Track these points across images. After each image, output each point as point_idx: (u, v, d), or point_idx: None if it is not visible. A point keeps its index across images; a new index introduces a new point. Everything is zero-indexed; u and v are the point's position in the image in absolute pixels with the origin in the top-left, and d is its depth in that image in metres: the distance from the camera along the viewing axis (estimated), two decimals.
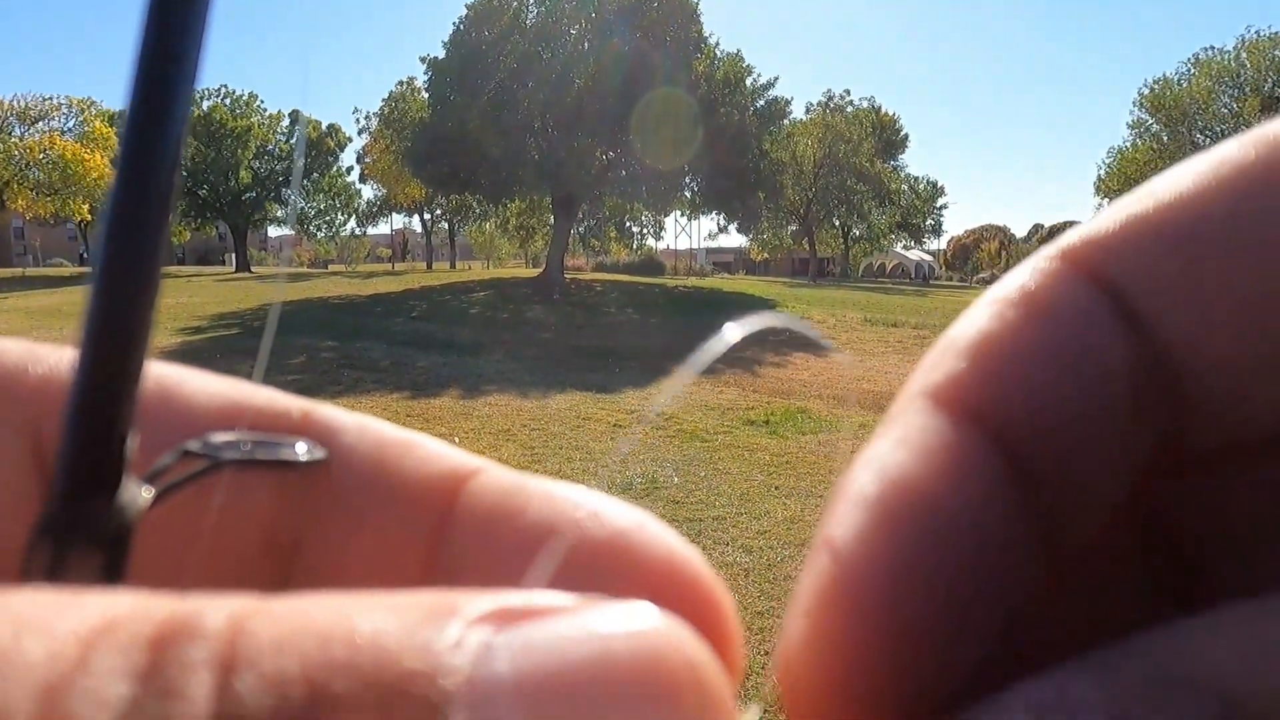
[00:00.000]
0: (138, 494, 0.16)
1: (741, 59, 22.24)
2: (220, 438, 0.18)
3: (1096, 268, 0.16)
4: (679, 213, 29.68)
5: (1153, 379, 0.15)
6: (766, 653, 3.06)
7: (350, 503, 0.19)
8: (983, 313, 0.17)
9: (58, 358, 0.19)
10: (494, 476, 0.19)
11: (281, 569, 0.19)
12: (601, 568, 0.17)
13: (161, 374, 0.19)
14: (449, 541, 0.18)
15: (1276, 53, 35.86)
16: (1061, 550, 0.16)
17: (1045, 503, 0.16)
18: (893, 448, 0.17)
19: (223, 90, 42.25)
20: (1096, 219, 0.17)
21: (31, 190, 32.53)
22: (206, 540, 0.18)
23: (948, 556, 0.15)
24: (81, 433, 0.15)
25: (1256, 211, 0.15)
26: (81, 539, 0.15)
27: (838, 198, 41.25)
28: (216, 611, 0.11)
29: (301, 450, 0.19)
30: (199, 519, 0.18)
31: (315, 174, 44.55)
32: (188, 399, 0.19)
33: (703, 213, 26.60)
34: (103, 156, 32.60)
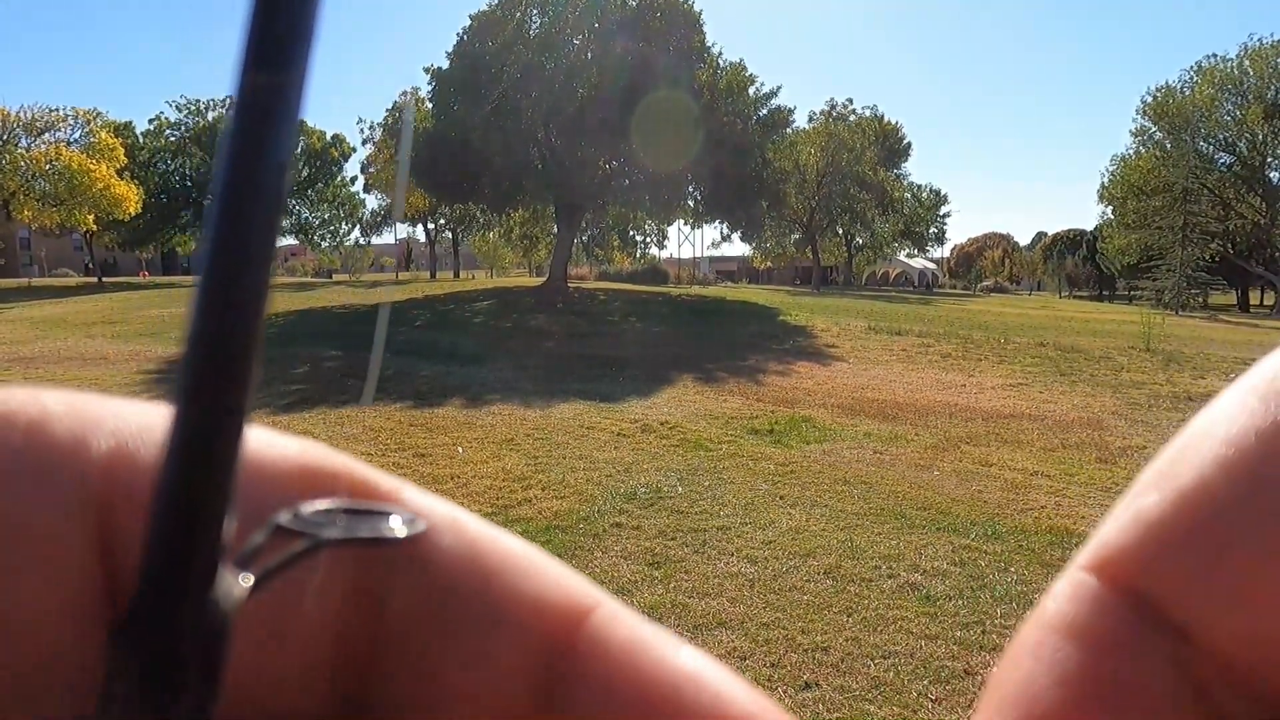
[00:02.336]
0: (234, 582, 0.14)
1: (744, 68, 22.30)
2: (312, 508, 0.16)
3: (1136, 585, 0.16)
4: (682, 221, 29.75)
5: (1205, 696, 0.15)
6: (772, 664, 3.04)
7: (445, 615, 0.16)
8: (1021, 652, 0.16)
9: (121, 424, 0.16)
10: (615, 617, 0.17)
11: (348, 686, 0.16)
12: None
13: None
14: (564, 685, 0.16)
15: (1279, 60, 35.84)
16: None
17: None
18: None
19: (227, 101, 42.38)
20: (1117, 518, 0.16)
21: (37, 201, 32.64)
22: (273, 651, 0.16)
23: None
24: (176, 514, 0.13)
25: None
26: (175, 638, 0.13)
27: (841, 206, 41.29)
28: None
29: (398, 524, 0.17)
30: (271, 620, 0.16)
31: (319, 184, 44.70)
32: (260, 463, 0.17)
33: (706, 221, 26.65)
34: (108, 167, 32.75)
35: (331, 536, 0.16)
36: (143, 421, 0.16)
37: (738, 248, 49.06)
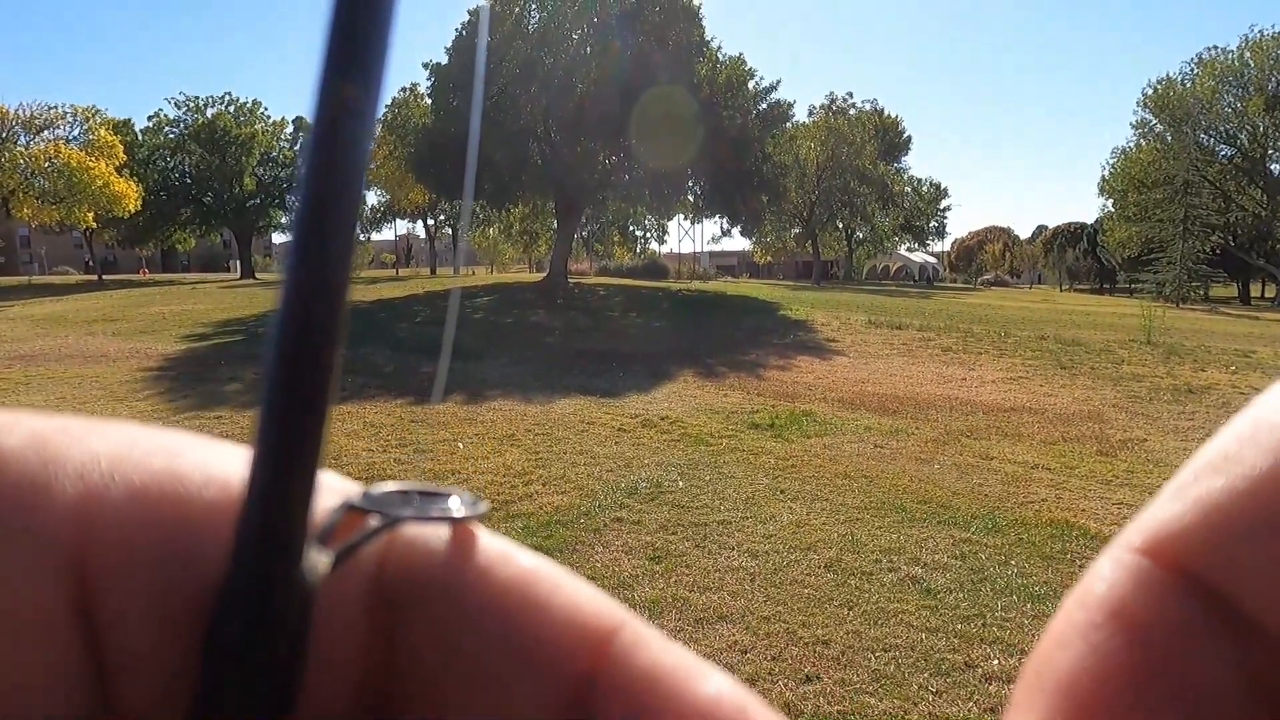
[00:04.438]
0: (319, 559, 0.15)
1: (744, 62, 22.25)
2: (383, 490, 0.17)
3: (1199, 571, 0.15)
4: (682, 216, 29.73)
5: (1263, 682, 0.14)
6: (773, 658, 3.05)
7: (463, 648, 0.16)
8: (1069, 633, 0.15)
9: (90, 459, 0.15)
10: (638, 642, 0.16)
11: (369, 715, 0.16)
12: None
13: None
14: (590, 715, 0.16)
15: None
16: None
17: None
18: None
19: (226, 97, 42.43)
20: (1171, 501, 0.16)
21: (37, 199, 32.62)
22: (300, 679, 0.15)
23: None
24: (268, 493, 0.14)
25: None
26: (271, 606, 0.14)
27: (841, 200, 41.26)
28: None
29: (458, 504, 0.17)
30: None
31: None
32: None
33: (706, 216, 26.64)
34: (107, 164, 32.72)
35: (405, 515, 0.16)
36: (115, 450, 0.15)
37: (738, 242, 49.12)
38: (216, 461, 0.16)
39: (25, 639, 0.13)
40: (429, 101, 22.75)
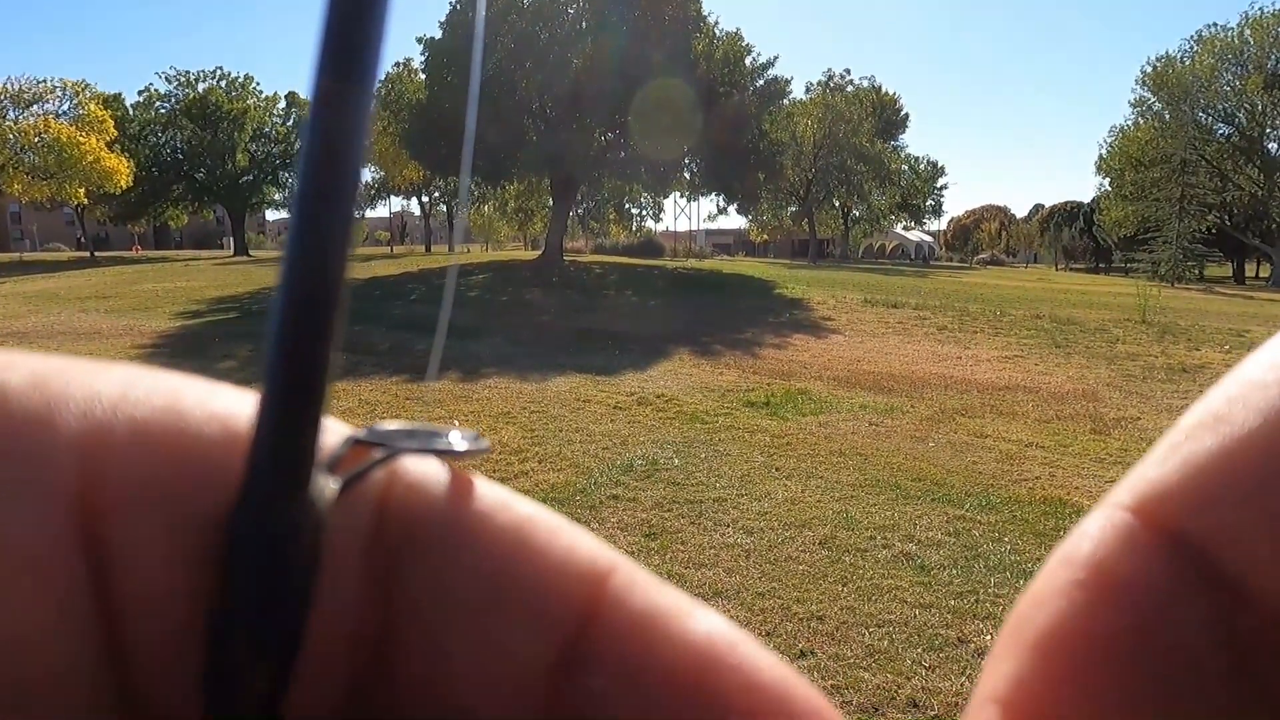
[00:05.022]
0: (326, 486, 0.15)
1: (741, 38, 22.06)
2: (386, 426, 0.17)
3: (1185, 531, 0.15)
4: (678, 194, 29.56)
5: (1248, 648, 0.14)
6: (768, 634, 3.07)
7: (457, 596, 0.16)
8: (1051, 589, 0.16)
9: (93, 396, 0.15)
10: (631, 584, 0.16)
11: (359, 672, 0.16)
12: None
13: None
14: (582, 667, 0.16)
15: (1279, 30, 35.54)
16: None
17: None
18: None
19: (218, 72, 41.95)
20: (1160, 460, 0.16)
21: (27, 174, 32.31)
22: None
23: None
24: (278, 419, 0.14)
25: None
26: (283, 527, 0.14)
27: (838, 178, 41.08)
28: None
29: (459, 440, 0.17)
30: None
31: None
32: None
33: (702, 194, 26.51)
34: (98, 140, 32.39)
35: (408, 447, 0.16)
36: (117, 388, 0.15)
37: (734, 220, 48.99)
38: (217, 399, 0.16)
39: (34, 574, 0.13)
40: (423, 77, 22.50)
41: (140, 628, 0.14)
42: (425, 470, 0.17)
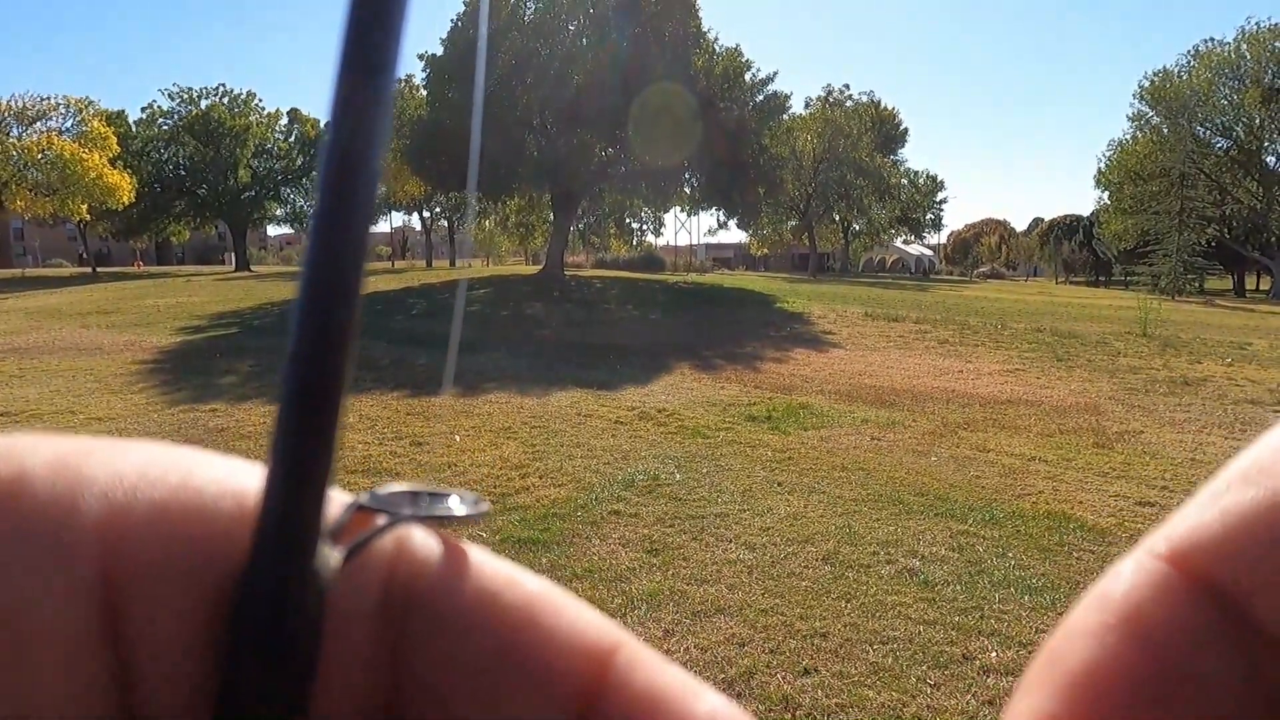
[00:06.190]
0: (330, 555, 0.15)
1: (740, 53, 22.17)
2: (390, 490, 0.17)
3: (1221, 581, 0.15)
4: (679, 209, 29.64)
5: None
6: (771, 650, 3.05)
7: (467, 671, 0.16)
8: (1083, 629, 0.16)
9: (114, 477, 0.15)
10: (636, 662, 0.17)
11: None
12: None
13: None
14: None
15: (1277, 44, 35.71)
16: None
17: None
18: None
19: (220, 89, 42.19)
20: (1201, 508, 0.16)
21: (30, 190, 32.44)
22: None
23: None
24: (284, 491, 0.14)
25: None
26: (287, 600, 0.14)
27: (837, 192, 41.18)
28: None
29: (459, 505, 0.17)
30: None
31: (314, 172, 44.37)
32: None
33: (702, 208, 26.55)
34: (100, 156, 32.53)
35: (411, 514, 0.17)
36: (139, 468, 0.15)
37: (734, 235, 49.10)
38: (230, 475, 0.16)
39: (58, 656, 0.14)
40: (424, 93, 22.62)
41: (155, 697, 0.15)
42: (431, 542, 0.17)
